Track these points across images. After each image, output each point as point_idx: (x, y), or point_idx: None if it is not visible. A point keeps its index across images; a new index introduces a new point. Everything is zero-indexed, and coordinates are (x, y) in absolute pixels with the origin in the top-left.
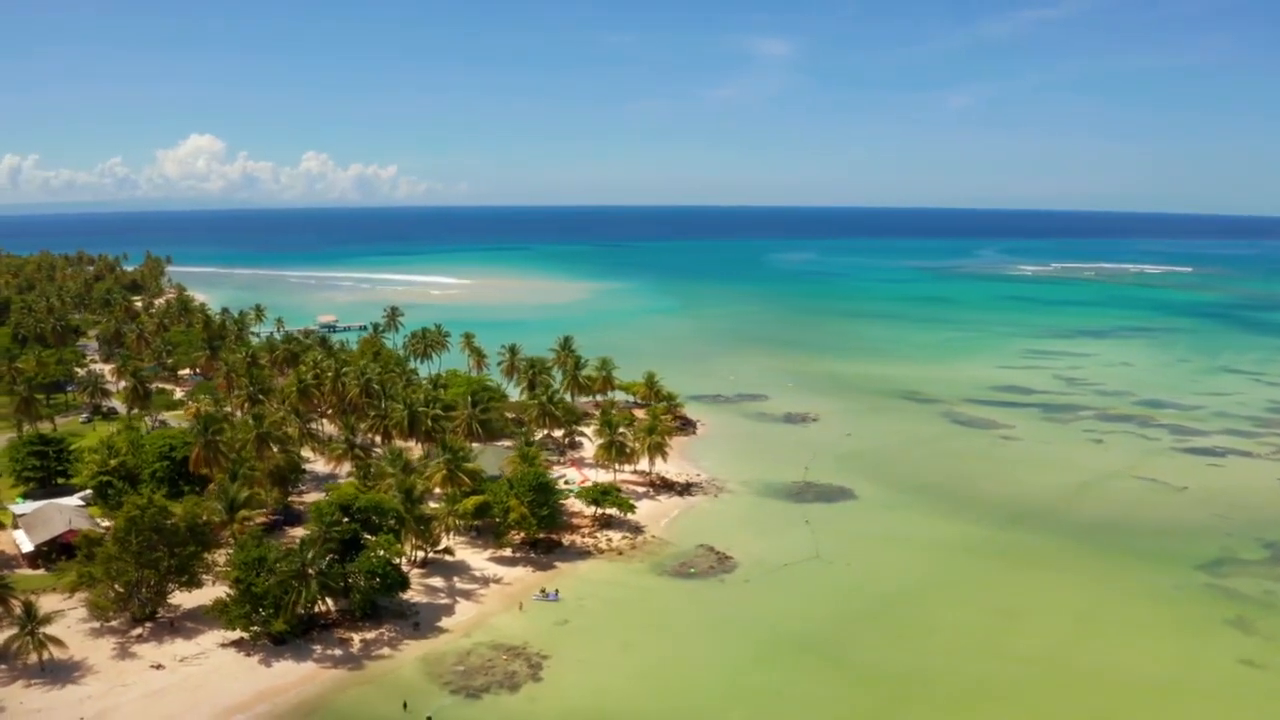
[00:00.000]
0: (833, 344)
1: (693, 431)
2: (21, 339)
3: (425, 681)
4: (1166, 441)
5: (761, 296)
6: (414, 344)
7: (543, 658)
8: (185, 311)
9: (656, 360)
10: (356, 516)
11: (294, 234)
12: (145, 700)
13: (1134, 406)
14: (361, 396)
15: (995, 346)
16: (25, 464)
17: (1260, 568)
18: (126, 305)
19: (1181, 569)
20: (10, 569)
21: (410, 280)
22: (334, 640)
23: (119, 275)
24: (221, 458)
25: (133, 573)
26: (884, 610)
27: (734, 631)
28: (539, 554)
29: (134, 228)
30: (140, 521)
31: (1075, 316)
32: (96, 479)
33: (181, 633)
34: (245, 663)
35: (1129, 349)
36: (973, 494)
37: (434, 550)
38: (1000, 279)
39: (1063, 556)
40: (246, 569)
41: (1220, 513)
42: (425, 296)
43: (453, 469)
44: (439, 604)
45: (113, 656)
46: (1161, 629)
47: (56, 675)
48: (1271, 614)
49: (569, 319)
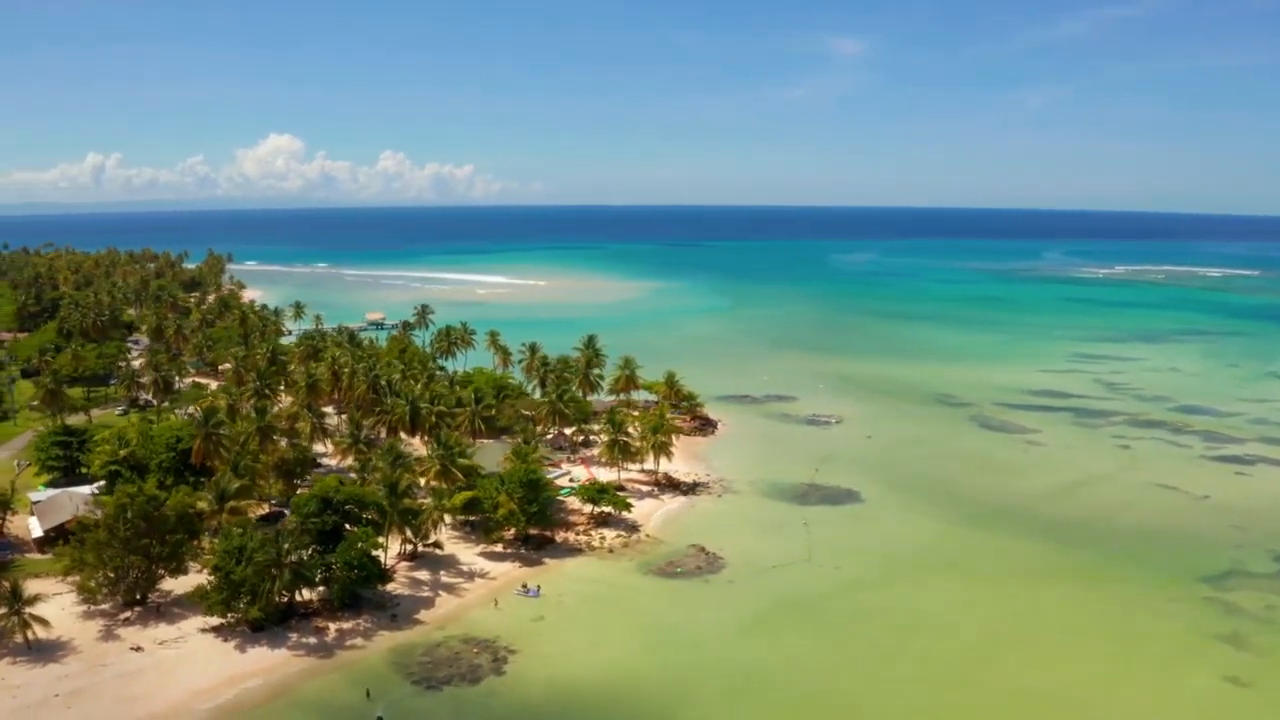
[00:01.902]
0: (875, 346)
1: (712, 432)
2: (66, 333)
3: (391, 671)
4: (1197, 449)
5: (814, 297)
6: (439, 342)
7: (510, 652)
8: (226, 308)
9: (695, 359)
10: (337, 509)
11: (363, 233)
12: (119, 680)
13: (1170, 412)
14: (368, 392)
15: (1041, 349)
16: (49, 454)
17: (1267, 581)
18: (173, 301)
19: (1184, 581)
20: (21, 553)
21: (461, 280)
22: (311, 629)
23: (177, 272)
24: (223, 450)
25: (120, 558)
26: (861, 619)
27: (706, 632)
28: (530, 550)
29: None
30: (129, 509)
31: (1130, 319)
32: (106, 468)
33: (166, 617)
34: (221, 648)
35: (1179, 353)
36: (979, 499)
37: (424, 544)
38: (1062, 281)
39: (1061, 566)
40: (227, 557)
41: (1238, 523)
42: (471, 295)
43: (446, 464)
44: (420, 596)
45: (97, 638)
46: (1149, 644)
47: (41, 654)
48: (1269, 630)
49: (612, 318)
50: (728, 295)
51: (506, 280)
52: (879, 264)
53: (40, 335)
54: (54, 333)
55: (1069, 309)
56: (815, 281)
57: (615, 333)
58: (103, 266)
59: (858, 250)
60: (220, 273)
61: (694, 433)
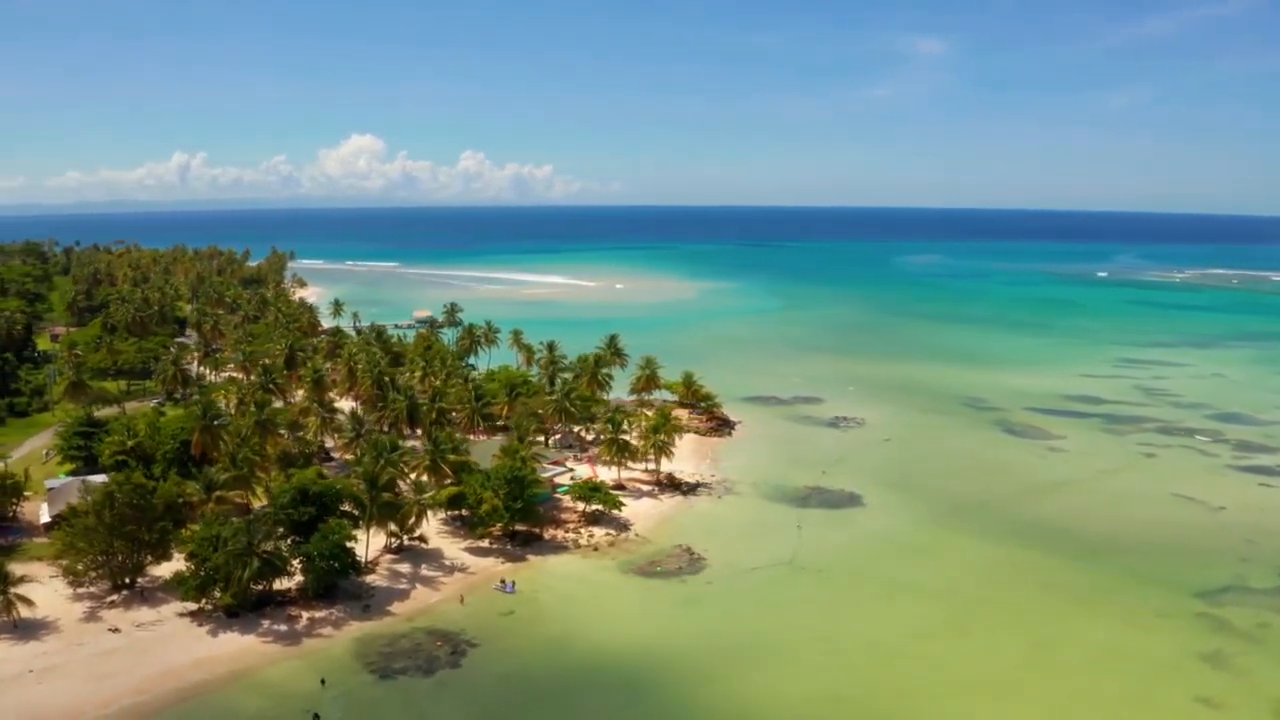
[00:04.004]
0: (916, 349)
1: (729, 432)
2: (111, 328)
3: (351, 660)
4: (1224, 458)
5: (867, 299)
6: (462, 340)
7: (470, 645)
8: (264, 305)
9: (731, 359)
10: (314, 501)
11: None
12: (91, 659)
13: (1205, 420)
14: (373, 389)
15: (1087, 353)
16: (72, 443)
17: (1265, 598)
18: (219, 297)
19: (1177, 595)
20: (30, 537)
21: (518, 279)
22: (284, 616)
23: (236, 269)
24: (221, 443)
25: (106, 543)
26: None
27: (669, 632)
28: (516, 546)
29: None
30: (117, 497)
31: (1187, 323)
32: (114, 458)
33: (150, 601)
34: (195, 632)
35: (1228, 359)
36: (983, 505)
37: (409, 537)
38: (1129, 284)
39: (1052, 577)
40: (204, 544)
41: (1249, 537)
42: (519, 295)
43: (435, 460)
44: (397, 589)
45: (80, 619)
46: (1124, 661)
47: (24, 632)
48: (1255, 649)
49: (660, 318)
50: (781, 296)
51: (563, 280)
52: (944, 266)
53: (87, 330)
54: (99, 327)
55: (1129, 312)
56: (873, 283)
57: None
58: (161, 263)
59: (925, 252)
60: (281, 270)
61: (710, 433)
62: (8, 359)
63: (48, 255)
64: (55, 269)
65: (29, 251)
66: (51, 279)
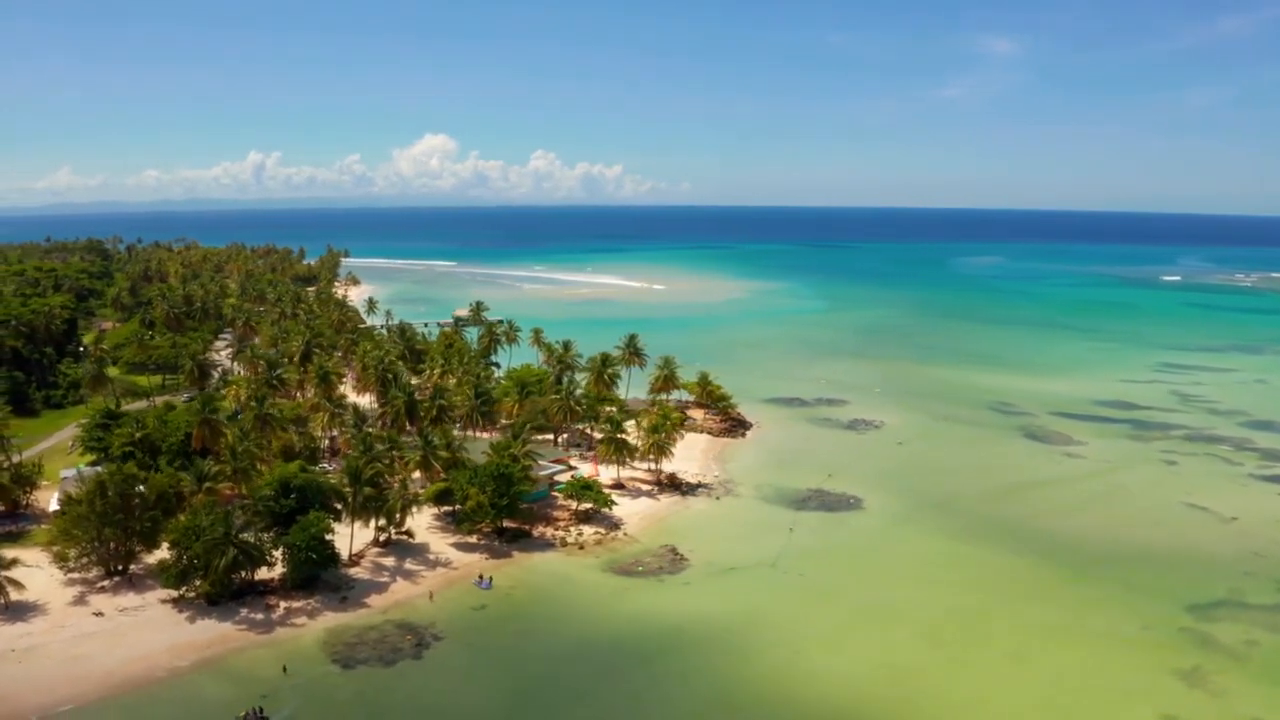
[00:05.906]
0: (954, 351)
1: (743, 434)
2: (149, 323)
3: (318, 650)
4: (1248, 468)
5: (916, 300)
6: (483, 338)
7: (436, 639)
8: (297, 302)
9: (761, 359)
10: (294, 494)
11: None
12: (71, 641)
13: (1236, 428)
14: (377, 385)
15: (1129, 357)
16: (93, 434)
17: (1259, 614)
18: (260, 295)
19: (1168, 607)
20: (39, 524)
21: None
22: (262, 606)
23: (288, 266)
24: (221, 437)
25: (96, 531)
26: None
27: (633, 630)
28: (502, 543)
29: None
30: (109, 486)
31: (1242, 328)
32: (122, 449)
33: (138, 587)
34: (174, 618)
35: (1274, 365)
36: (985, 511)
37: (396, 531)
38: (1190, 287)
39: (1042, 586)
40: (187, 534)
41: (1257, 549)
42: (560, 294)
43: (427, 456)
44: (378, 581)
45: (69, 603)
46: (1097, 676)
47: (13, 614)
48: (1236, 667)
49: (702, 317)
50: (829, 297)
51: (612, 280)
52: (1001, 268)
53: (128, 326)
54: (138, 323)
55: (1184, 315)
56: (926, 285)
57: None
58: (212, 261)
59: (985, 254)
60: (335, 268)
61: (723, 434)
62: (47, 353)
63: (110, 253)
64: (117, 266)
65: (90, 249)
66: (111, 275)
